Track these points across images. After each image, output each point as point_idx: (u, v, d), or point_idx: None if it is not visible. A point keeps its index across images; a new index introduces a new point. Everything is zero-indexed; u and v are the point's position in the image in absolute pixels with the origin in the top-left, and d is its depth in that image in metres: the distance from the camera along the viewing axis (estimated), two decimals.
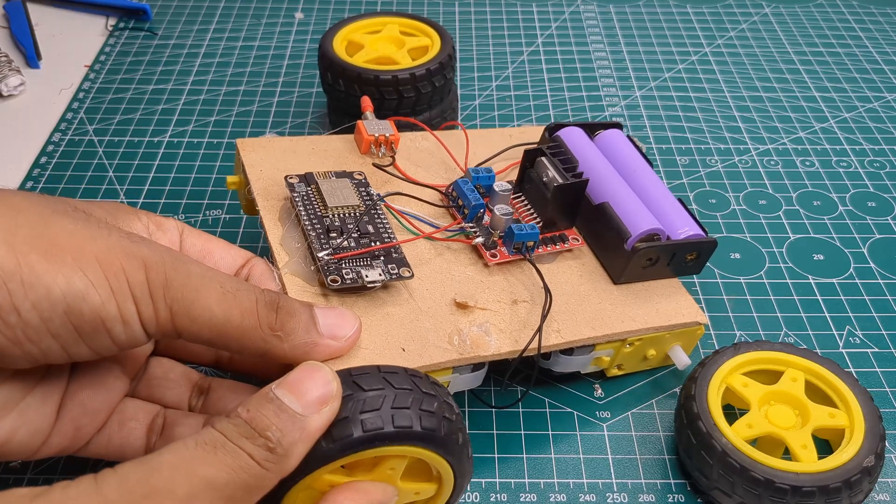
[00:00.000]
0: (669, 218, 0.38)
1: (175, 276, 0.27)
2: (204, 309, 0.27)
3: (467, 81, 0.60)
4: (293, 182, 0.36)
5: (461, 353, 0.32)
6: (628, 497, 0.35)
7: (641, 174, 0.40)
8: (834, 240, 0.48)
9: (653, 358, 0.38)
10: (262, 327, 0.28)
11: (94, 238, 0.26)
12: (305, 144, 0.40)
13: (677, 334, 0.37)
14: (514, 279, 0.36)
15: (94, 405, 0.31)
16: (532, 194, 0.38)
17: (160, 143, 0.53)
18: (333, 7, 0.69)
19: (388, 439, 0.27)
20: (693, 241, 0.37)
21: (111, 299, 0.26)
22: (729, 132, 0.56)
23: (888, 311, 0.43)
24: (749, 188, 0.51)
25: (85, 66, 0.61)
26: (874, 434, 0.33)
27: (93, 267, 0.26)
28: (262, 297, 0.29)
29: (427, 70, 0.47)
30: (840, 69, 0.63)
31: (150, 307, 0.27)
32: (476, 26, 0.67)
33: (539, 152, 0.37)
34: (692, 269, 0.38)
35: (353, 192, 0.36)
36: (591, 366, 0.37)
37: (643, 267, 0.37)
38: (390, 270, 0.33)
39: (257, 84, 0.59)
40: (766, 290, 0.44)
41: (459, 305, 0.34)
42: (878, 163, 0.54)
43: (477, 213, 0.36)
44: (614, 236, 0.36)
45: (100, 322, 0.26)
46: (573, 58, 0.64)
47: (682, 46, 0.65)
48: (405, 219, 0.36)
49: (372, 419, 0.26)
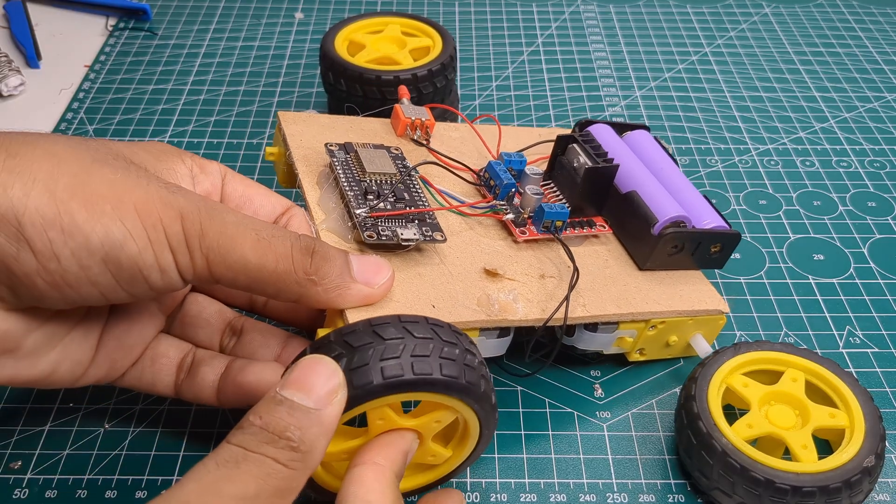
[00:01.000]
0: (695, 210, 0.39)
1: (211, 226, 0.28)
2: (239, 256, 0.28)
3: (467, 81, 0.60)
4: (333, 149, 0.37)
5: (489, 315, 0.33)
6: (628, 497, 0.35)
7: (668, 171, 0.41)
8: (834, 240, 0.48)
9: (675, 345, 0.38)
10: (297, 272, 0.29)
11: (134, 188, 0.27)
12: (344, 122, 0.41)
13: (700, 322, 0.38)
14: (542, 255, 0.37)
15: (130, 341, 0.33)
16: (561, 180, 0.39)
17: None
18: (333, 7, 0.69)
19: (409, 386, 0.27)
20: (718, 231, 0.38)
21: (148, 248, 0.27)
22: (729, 132, 0.56)
23: (888, 311, 0.43)
24: (749, 188, 0.51)
25: (85, 66, 0.61)
26: (874, 434, 0.33)
27: (131, 217, 0.27)
28: (297, 243, 0.29)
29: (429, 70, 0.47)
30: (840, 69, 0.63)
31: (186, 256, 0.28)
32: (476, 26, 0.67)
33: (571, 139, 0.39)
34: (716, 262, 0.39)
35: (389, 161, 0.37)
36: (613, 346, 0.37)
37: (669, 254, 0.37)
38: (424, 233, 0.34)
39: (257, 84, 0.59)
40: (766, 290, 0.44)
41: (489, 273, 0.35)
42: (878, 163, 0.54)
43: (508, 191, 0.37)
44: (641, 223, 0.37)
45: (137, 270, 0.27)
46: (573, 58, 0.64)
47: (682, 46, 0.65)
48: (439, 193, 0.37)
49: (391, 366, 0.27)
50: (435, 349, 0.27)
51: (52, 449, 0.35)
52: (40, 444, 0.36)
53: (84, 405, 0.37)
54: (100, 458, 0.35)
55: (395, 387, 0.27)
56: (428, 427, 0.30)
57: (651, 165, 0.41)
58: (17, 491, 0.34)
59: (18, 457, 0.35)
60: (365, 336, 0.27)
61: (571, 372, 0.40)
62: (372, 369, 0.26)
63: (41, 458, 0.35)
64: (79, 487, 0.34)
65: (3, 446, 0.35)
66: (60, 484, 0.34)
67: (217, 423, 0.37)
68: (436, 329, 0.28)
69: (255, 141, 0.41)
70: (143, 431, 0.36)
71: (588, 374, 0.40)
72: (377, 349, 0.27)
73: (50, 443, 0.36)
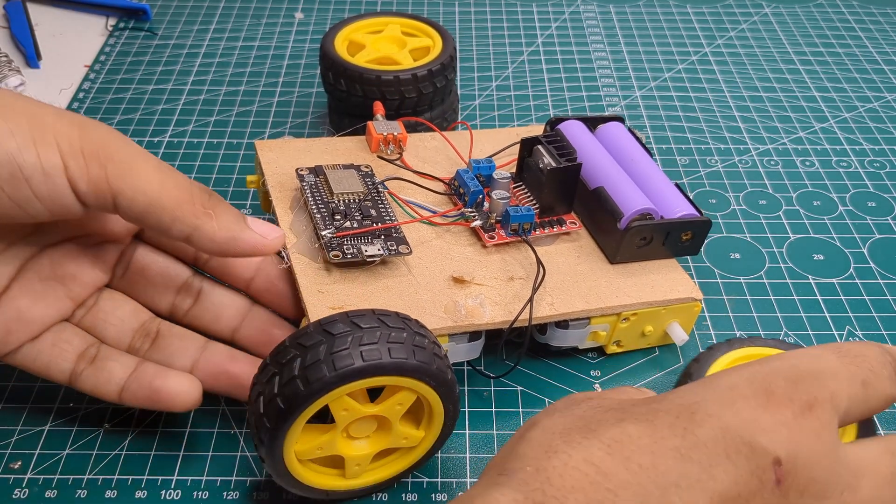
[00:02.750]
0: (666, 201, 0.39)
1: (112, 141, 0.28)
2: (141, 173, 0.28)
3: (467, 81, 0.60)
4: (303, 174, 0.39)
5: (456, 321, 0.34)
6: None
7: (640, 162, 0.41)
8: (834, 240, 0.48)
9: (651, 335, 0.39)
10: (195, 203, 0.30)
11: (32, 103, 0.27)
12: (319, 144, 0.43)
13: (674, 310, 0.38)
14: (510, 258, 0.38)
15: (31, 315, 0.32)
16: (530, 182, 0.40)
17: (160, 143, 0.53)
18: (333, 7, 0.69)
19: (385, 370, 0.28)
20: (686, 220, 0.38)
21: (30, 147, 0.27)
22: (729, 132, 0.56)
23: (888, 311, 0.43)
24: (749, 188, 0.51)
25: (85, 66, 0.61)
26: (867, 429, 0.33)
27: (17, 119, 0.27)
28: (196, 183, 0.31)
29: (429, 70, 0.47)
30: (840, 69, 0.63)
31: (80, 162, 0.27)
32: (476, 26, 0.67)
33: (536, 141, 0.39)
34: (689, 249, 0.39)
35: (358, 180, 0.39)
36: (588, 340, 0.38)
37: (637, 246, 0.38)
38: (389, 247, 0.35)
39: (257, 84, 0.59)
40: (766, 290, 0.44)
41: (456, 280, 0.36)
42: (878, 163, 0.54)
43: (476, 198, 0.38)
44: (608, 217, 0.38)
45: (17, 169, 0.27)
46: (573, 58, 0.64)
47: (682, 46, 0.65)
48: (408, 205, 0.38)
49: (370, 351, 0.28)
50: (382, 336, 0.29)
51: (52, 449, 0.35)
52: (40, 444, 0.36)
53: (84, 405, 0.37)
54: (100, 458, 0.35)
55: (347, 377, 0.28)
56: (392, 411, 0.31)
57: (622, 157, 0.41)
58: (17, 491, 0.34)
59: (18, 457, 0.35)
60: (315, 335, 0.29)
61: (571, 372, 0.40)
62: (324, 364, 0.28)
63: (41, 458, 0.35)
64: (79, 487, 0.34)
65: (3, 446, 0.35)
66: (60, 484, 0.34)
67: (217, 424, 0.37)
68: (383, 318, 0.29)
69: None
70: (143, 431, 0.36)
71: (588, 374, 0.40)
72: (327, 345, 0.28)
73: (50, 443, 0.36)
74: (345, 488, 0.33)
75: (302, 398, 0.28)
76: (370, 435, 0.32)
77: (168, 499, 0.34)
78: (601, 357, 0.40)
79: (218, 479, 0.34)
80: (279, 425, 0.28)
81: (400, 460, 0.33)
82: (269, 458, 0.30)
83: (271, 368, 0.29)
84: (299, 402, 0.28)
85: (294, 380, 0.28)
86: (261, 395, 0.29)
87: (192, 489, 0.34)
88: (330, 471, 0.32)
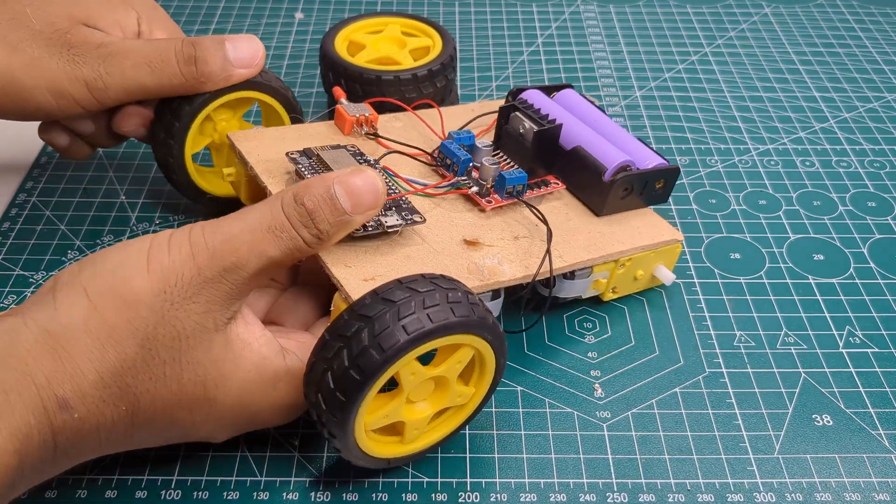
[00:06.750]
0: (637, 153, 0.42)
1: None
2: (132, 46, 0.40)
3: (467, 81, 0.60)
4: (295, 156, 0.39)
5: (481, 280, 0.35)
6: (628, 497, 0.35)
7: (602, 122, 0.44)
8: (834, 240, 0.48)
9: (641, 278, 0.42)
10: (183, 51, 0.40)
11: None
12: (292, 131, 0.43)
13: (660, 253, 0.41)
14: (510, 219, 0.39)
15: None
16: (509, 147, 0.42)
17: None
18: (333, 7, 0.69)
19: (452, 328, 0.30)
20: (660, 168, 0.41)
21: None
22: (729, 132, 0.56)
23: (888, 311, 0.43)
24: (749, 188, 0.51)
25: None
26: None
27: None
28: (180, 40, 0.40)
29: (429, 70, 0.47)
30: (840, 69, 0.63)
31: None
32: (476, 26, 0.67)
33: (513, 108, 0.42)
34: (661, 197, 0.42)
35: (352, 159, 0.39)
36: (590, 290, 0.41)
37: (621, 197, 0.41)
38: (405, 217, 0.36)
39: None
40: (766, 290, 0.44)
41: (469, 243, 0.37)
42: (878, 163, 0.54)
43: (466, 167, 0.40)
44: (592, 173, 0.40)
45: None
46: (573, 58, 0.64)
47: (682, 46, 0.65)
48: (403, 180, 0.39)
49: (436, 312, 0.29)
50: (441, 297, 0.30)
51: None
52: None
53: None
54: (100, 458, 0.35)
55: (418, 339, 0.29)
56: (452, 370, 0.32)
57: (585, 119, 0.44)
58: None
59: None
60: (377, 305, 0.29)
61: (571, 372, 0.40)
62: (395, 329, 0.29)
63: None
64: (79, 487, 0.34)
65: None
66: (60, 484, 0.34)
67: None
68: (435, 281, 0.30)
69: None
70: None
71: (588, 374, 0.40)
72: (391, 312, 0.29)
73: None
74: (404, 454, 0.34)
75: (377, 366, 0.29)
76: (427, 397, 0.33)
77: (168, 499, 0.34)
78: (601, 357, 0.40)
79: (218, 480, 0.35)
80: (354, 397, 0.29)
81: (452, 419, 0.35)
82: (341, 433, 0.30)
83: (335, 343, 0.30)
84: (374, 370, 0.29)
85: (367, 349, 0.29)
86: (327, 370, 0.29)
87: (192, 489, 0.34)
88: (390, 438, 0.34)
